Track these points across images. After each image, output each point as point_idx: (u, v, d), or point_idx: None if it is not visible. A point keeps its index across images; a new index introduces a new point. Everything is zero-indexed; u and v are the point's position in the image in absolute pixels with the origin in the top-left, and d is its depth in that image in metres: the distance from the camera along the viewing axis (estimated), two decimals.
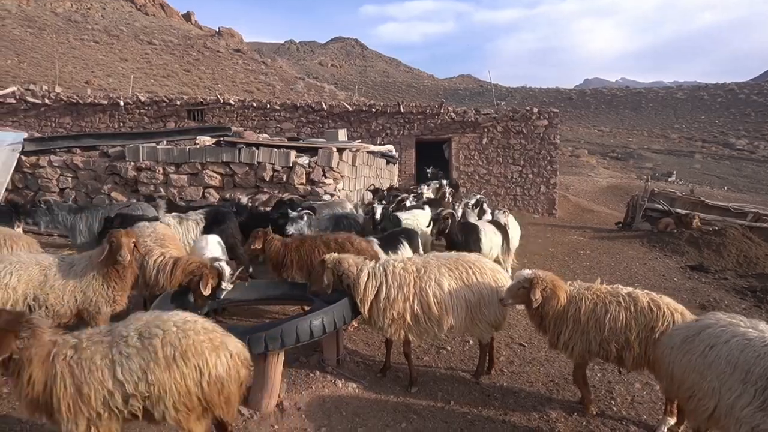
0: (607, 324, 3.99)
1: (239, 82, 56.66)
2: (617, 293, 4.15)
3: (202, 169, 9.50)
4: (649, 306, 4.01)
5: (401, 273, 4.44)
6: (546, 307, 4.17)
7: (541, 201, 20.27)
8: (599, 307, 4.08)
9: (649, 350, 3.94)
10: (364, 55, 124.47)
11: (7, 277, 4.37)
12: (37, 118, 19.54)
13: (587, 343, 4.10)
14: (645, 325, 3.95)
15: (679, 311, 4.02)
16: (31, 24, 56.49)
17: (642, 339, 3.95)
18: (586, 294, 4.17)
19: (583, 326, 4.08)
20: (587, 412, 4.31)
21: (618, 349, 4.01)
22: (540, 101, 79.22)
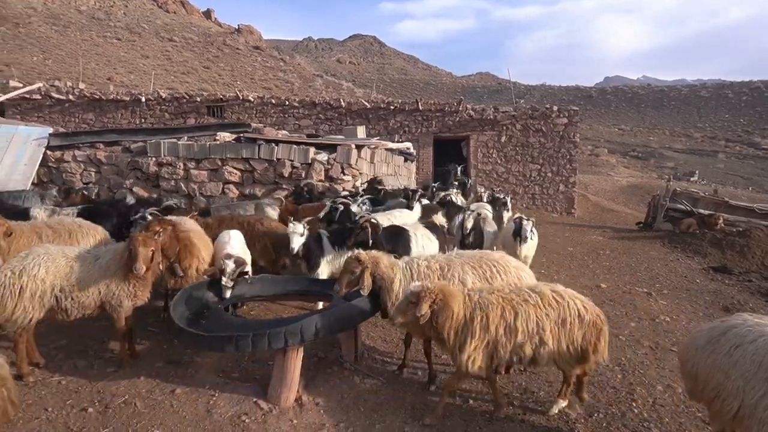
0: (519, 327, 3.85)
1: (258, 79, 57.04)
2: (522, 291, 4.04)
3: (222, 165, 9.58)
4: (554, 298, 3.97)
5: (425, 271, 4.44)
6: (439, 320, 3.87)
7: (560, 200, 20.06)
8: (508, 312, 3.91)
9: (561, 344, 3.91)
10: (382, 52, 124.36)
11: (35, 268, 4.47)
12: (61, 113, 19.90)
13: (494, 353, 3.91)
14: (556, 319, 3.91)
15: (579, 299, 4.05)
16: (56, 22, 57.53)
17: (555, 335, 3.89)
18: (491, 299, 3.95)
19: (493, 335, 3.86)
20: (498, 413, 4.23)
21: (534, 349, 3.90)
22: (559, 99, 78.38)
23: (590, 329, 3.97)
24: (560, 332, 3.90)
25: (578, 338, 3.94)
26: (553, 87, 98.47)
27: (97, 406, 4.19)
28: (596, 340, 3.99)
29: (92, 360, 5.04)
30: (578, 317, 3.94)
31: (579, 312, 3.95)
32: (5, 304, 4.38)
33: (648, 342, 5.98)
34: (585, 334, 3.95)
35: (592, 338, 3.97)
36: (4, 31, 48.92)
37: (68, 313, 4.68)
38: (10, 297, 4.39)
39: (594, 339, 3.98)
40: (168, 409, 4.15)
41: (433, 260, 4.57)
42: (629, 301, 7.75)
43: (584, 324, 3.95)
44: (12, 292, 4.40)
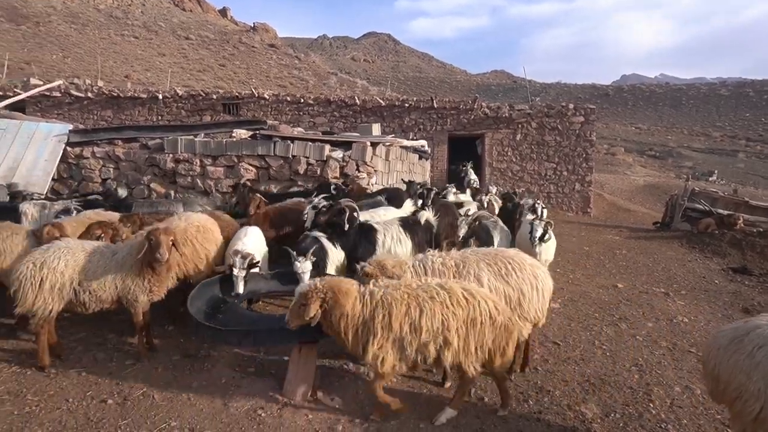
0: (424, 326, 3.69)
1: (273, 77, 57.30)
2: (430, 288, 3.85)
3: (238, 161, 9.65)
4: (464, 297, 3.81)
5: (440, 268, 4.42)
6: (332, 319, 3.73)
7: (576, 199, 19.88)
8: (413, 308, 3.73)
9: (468, 345, 3.76)
10: (396, 50, 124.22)
11: (55, 261, 4.55)
12: (80, 110, 20.18)
13: (401, 351, 3.73)
14: (464, 318, 3.76)
15: (492, 300, 3.92)
16: (75, 20, 58.35)
17: (462, 335, 3.75)
18: (395, 295, 3.77)
19: (396, 333, 3.69)
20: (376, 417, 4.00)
21: (437, 349, 3.74)
22: (575, 97, 77.59)
23: (501, 332, 3.84)
24: (468, 333, 3.74)
25: (488, 340, 3.80)
26: (569, 85, 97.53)
27: (116, 398, 4.25)
28: (506, 344, 3.87)
29: (111, 353, 5.12)
30: (489, 318, 3.80)
31: (491, 313, 3.81)
32: (27, 296, 4.48)
33: (666, 342, 5.91)
34: (496, 337, 3.82)
35: (502, 341, 3.85)
36: (24, 29, 49.74)
37: (86, 306, 4.76)
38: (31, 289, 4.49)
39: (504, 342, 3.86)
40: (185, 402, 4.20)
41: (448, 257, 4.54)
42: (646, 301, 7.67)
43: (496, 326, 3.82)
44: (33, 284, 4.49)
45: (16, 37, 46.94)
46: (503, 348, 3.87)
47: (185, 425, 3.88)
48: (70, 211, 6.79)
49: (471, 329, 3.76)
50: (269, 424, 3.91)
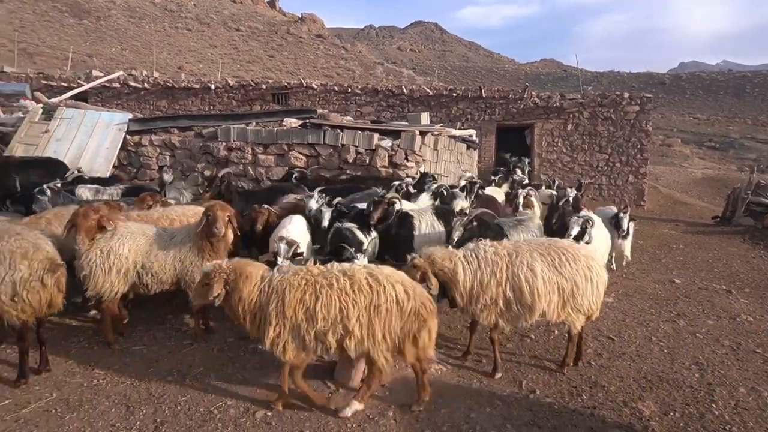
0: (320, 313, 3.55)
1: (320, 67, 57.81)
2: (330, 274, 3.70)
3: (288, 150, 9.80)
4: (368, 282, 3.64)
5: (493, 258, 4.35)
6: (232, 303, 3.68)
7: (629, 191, 19.18)
8: (309, 295, 3.59)
9: (375, 334, 3.58)
10: (443, 39, 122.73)
11: (121, 248, 4.77)
12: (137, 101, 20.96)
13: (300, 340, 3.62)
14: (366, 306, 3.58)
15: (402, 284, 3.70)
16: (133, 14, 60.56)
17: (365, 323, 3.57)
18: (292, 281, 3.66)
19: (290, 321, 3.58)
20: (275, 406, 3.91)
21: (338, 339, 3.59)
22: (629, 86, 74.55)
23: (411, 318, 3.65)
24: (372, 320, 3.58)
25: (395, 328, 3.63)
26: (623, 74, 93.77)
27: (175, 376, 4.43)
28: (418, 331, 3.68)
29: (170, 332, 5.33)
30: (396, 304, 3.62)
31: (398, 299, 3.63)
32: (96, 280, 4.71)
33: (728, 342, 5.64)
34: (405, 324, 3.65)
35: (412, 328, 3.66)
36: (87, 24, 52.02)
37: (149, 288, 4.98)
38: (101, 274, 4.72)
39: (415, 330, 3.67)
40: (240, 382, 4.33)
41: (500, 246, 4.46)
42: (706, 298, 7.33)
43: (404, 312, 3.63)
44: (102, 270, 4.72)
45: (78, 32, 49.19)
46: (414, 335, 3.68)
47: (240, 405, 4.00)
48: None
49: (375, 317, 3.58)
50: (321, 407, 3.97)
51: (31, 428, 3.62)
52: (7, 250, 4.13)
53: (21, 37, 36.23)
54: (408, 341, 3.68)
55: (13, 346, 4.59)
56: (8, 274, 4.05)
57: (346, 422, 3.80)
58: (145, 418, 3.78)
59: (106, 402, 3.99)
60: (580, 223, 5.68)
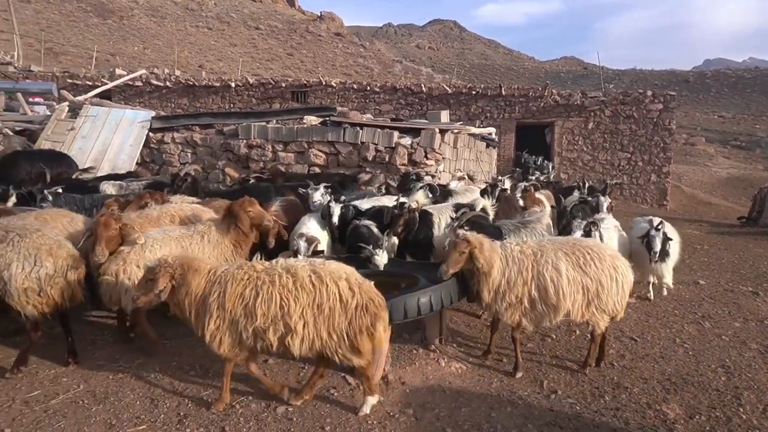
0: (259, 310, 3.48)
1: (338, 65, 57.99)
2: (273, 271, 3.63)
3: (308, 147, 9.87)
4: (310, 279, 3.57)
5: (519, 256, 4.33)
6: (179, 297, 3.63)
7: (651, 191, 18.92)
8: (249, 290, 3.53)
9: (321, 331, 3.52)
10: (462, 37, 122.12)
11: (149, 254, 4.74)
12: (159, 99, 21.28)
13: (237, 335, 3.57)
14: (309, 303, 3.51)
15: (347, 280, 3.62)
16: (155, 13, 61.43)
17: (309, 321, 3.50)
18: (237, 274, 3.62)
19: (229, 314, 3.53)
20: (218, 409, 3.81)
21: (280, 337, 3.51)
22: (651, 84, 73.29)
23: (359, 314, 3.57)
24: (317, 318, 3.51)
25: (342, 325, 3.55)
26: (645, 71, 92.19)
27: (198, 370, 4.48)
28: (370, 327, 3.60)
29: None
30: (340, 302, 3.55)
31: (341, 296, 3.56)
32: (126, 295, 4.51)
33: (756, 345, 5.52)
34: (352, 321, 3.56)
35: (363, 324, 3.57)
36: (110, 23, 52.93)
37: None
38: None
39: (366, 325, 3.58)
40: (263, 376, 4.35)
41: (525, 246, 4.44)
42: (732, 300, 7.18)
43: (349, 309, 3.55)
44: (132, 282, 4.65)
45: (102, 31, 50.07)
46: (369, 329, 3.61)
47: (262, 399, 4.02)
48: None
49: (319, 315, 3.52)
50: (341, 404, 3.99)
51: (59, 419, 3.70)
52: (33, 247, 4.21)
53: (47, 36, 37.01)
54: (362, 336, 3.59)
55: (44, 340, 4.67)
56: (34, 270, 4.14)
57: (367, 419, 3.81)
58: (169, 411, 3.84)
59: (131, 395, 4.06)
60: (583, 226, 5.50)
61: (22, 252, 4.18)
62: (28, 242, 4.24)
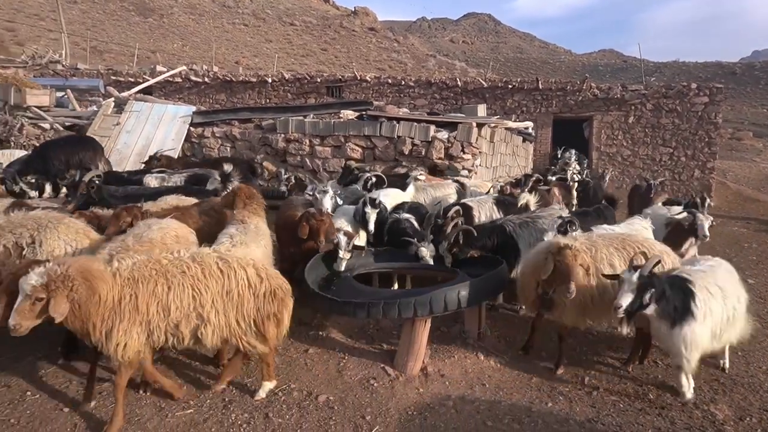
0: (172, 304, 3.34)
1: (372, 60, 58.02)
2: (181, 261, 3.49)
3: (344, 141, 9.93)
4: (218, 267, 3.52)
5: (580, 255, 4.11)
6: (83, 310, 3.11)
7: (694, 187, 18.25)
8: (161, 286, 3.35)
9: (230, 319, 3.47)
10: (497, 30, 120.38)
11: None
12: (197, 95, 21.72)
13: (148, 335, 3.35)
14: (219, 291, 3.46)
15: (254, 267, 3.61)
16: (193, 11, 62.69)
17: (219, 309, 3.45)
18: (144, 272, 3.36)
19: (143, 315, 3.29)
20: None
21: (193, 329, 3.43)
22: (695, 77, 70.66)
23: (267, 300, 3.58)
24: (226, 306, 3.47)
25: (251, 311, 3.55)
26: (688, 64, 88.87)
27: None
28: (277, 313, 3.64)
29: None
30: (248, 288, 3.53)
31: (250, 282, 3.54)
32: None
33: None
34: (261, 307, 3.57)
35: (270, 311, 3.60)
36: (151, 21, 54.31)
37: None
38: None
39: (274, 311, 3.61)
40: (302, 367, 4.44)
41: (577, 242, 4.22)
42: None
43: (258, 296, 3.56)
44: None
45: (144, 29, 51.42)
46: (276, 316, 3.64)
47: (303, 388, 4.10)
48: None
49: (228, 302, 3.48)
50: (382, 394, 4.03)
51: (111, 401, 3.84)
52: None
53: (92, 35, 38.26)
54: (270, 323, 3.63)
55: None
56: None
57: (407, 409, 3.84)
58: (214, 397, 3.95)
59: (179, 380, 4.19)
60: (557, 225, 5.08)
61: None
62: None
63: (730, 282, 4.16)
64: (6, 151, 9.76)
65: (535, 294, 4.27)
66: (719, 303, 3.91)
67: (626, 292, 3.68)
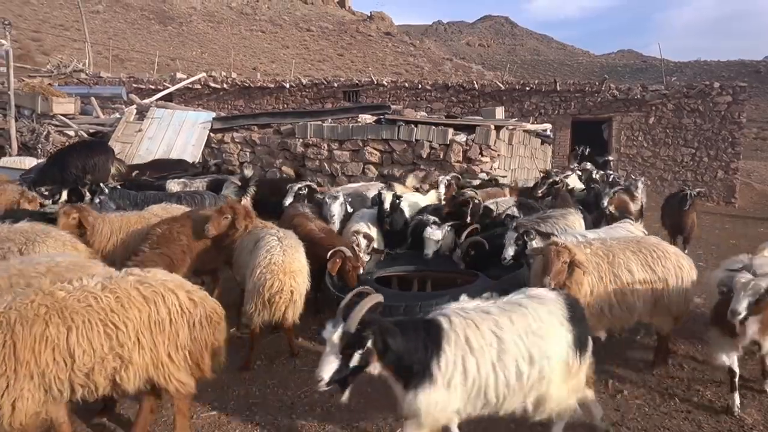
0: (77, 349, 2.68)
1: (388, 65, 58.22)
2: (84, 292, 2.82)
3: (363, 145, 9.99)
4: (140, 293, 2.94)
5: (594, 260, 4.09)
6: None
7: (717, 188, 17.96)
8: (54, 328, 2.64)
9: (162, 354, 2.91)
10: (513, 33, 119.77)
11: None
12: (216, 101, 22.02)
13: (45, 391, 2.67)
14: (145, 322, 2.87)
15: (186, 289, 3.09)
16: (211, 19, 63.62)
17: (146, 344, 2.88)
18: (27, 311, 2.65)
19: (28, 368, 2.58)
20: None
21: (110, 375, 2.80)
22: (717, 76, 69.31)
23: (203, 327, 3.09)
24: (156, 339, 2.89)
25: (186, 342, 3.01)
26: (710, 63, 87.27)
27: (263, 360, 4.65)
28: (215, 340, 3.19)
29: None
30: (182, 314, 3.01)
31: (182, 307, 3.02)
32: None
33: None
34: (197, 336, 3.05)
35: (208, 338, 3.12)
36: (170, 29, 55.26)
37: None
38: None
39: (213, 337, 3.16)
40: None
41: (593, 246, 4.23)
42: None
43: (193, 323, 3.04)
44: None
45: (164, 37, 52.34)
46: (212, 345, 3.17)
47: (325, 390, 4.12)
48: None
49: (158, 334, 2.90)
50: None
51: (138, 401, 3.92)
52: None
53: (114, 44, 39.05)
54: (206, 352, 3.14)
55: None
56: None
57: None
58: (238, 398, 4.00)
59: (203, 382, 4.24)
60: (514, 239, 4.66)
61: None
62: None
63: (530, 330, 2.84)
64: (16, 158, 9.91)
65: None
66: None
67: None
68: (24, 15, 42.71)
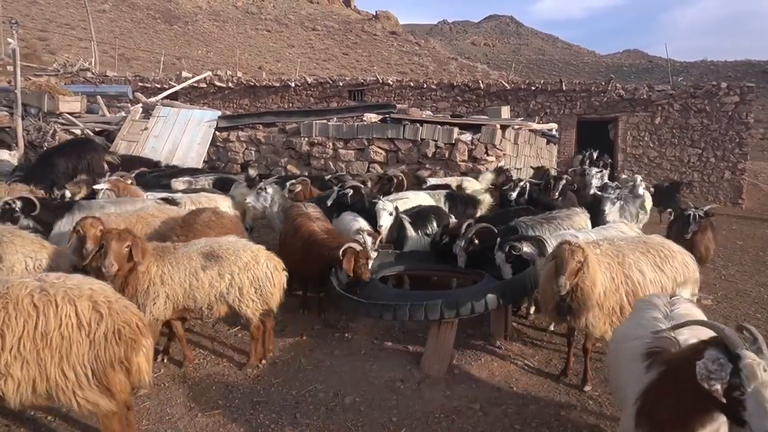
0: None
1: (394, 64, 58.18)
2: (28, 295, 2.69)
3: (368, 144, 9.97)
4: (32, 301, 2.70)
5: (605, 260, 4.00)
6: None
7: (724, 188, 17.82)
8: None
9: (51, 370, 2.66)
10: (518, 32, 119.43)
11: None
12: (222, 99, 22.04)
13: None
14: (29, 333, 2.64)
15: (86, 296, 2.81)
16: (217, 18, 63.76)
17: (29, 358, 2.65)
18: None
19: None
20: None
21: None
22: (723, 76, 68.84)
23: (109, 343, 2.76)
24: (41, 353, 2.63)
25: (86, 359, 2.71)
26: (717, 63, 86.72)
27: (268, 359, 4.63)
28: (127, 358, 2.82)
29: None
30: (78, 328, 2.70)
31: (81, 320, 2.71)
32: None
33: None
34: (100, 352, 2.73)
35: (115, 356, 2.78)
36: (176, 29, 55.40)
37: None
38: None
39: (122, 356, 2.80)
40: (329, 368, 4.47)
41: (603, 247, 4.15)
42: None
43: (93, 337, 2.73)
44: None
45: (169, 36, 52.49)
46: (123, 363, 2.83)
47: (330, 389, 4.12)
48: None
49: (44, 348, 2.63)
50: (408, 396, 4.03)
51: (144, 399, 3.93)
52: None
53: (120, 43, 39.18)
54: (114, 372, 2.79)
55: None
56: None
57: (434, 412, 3.83)
58: (243, 397, 3.99)
59: (208, 380, 4.25)
60: (506, 249, 4.65)
61: None
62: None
63: None
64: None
65: (554, 300, 3.96)
66: None
67: None
68: (31, 14, 42.97)
